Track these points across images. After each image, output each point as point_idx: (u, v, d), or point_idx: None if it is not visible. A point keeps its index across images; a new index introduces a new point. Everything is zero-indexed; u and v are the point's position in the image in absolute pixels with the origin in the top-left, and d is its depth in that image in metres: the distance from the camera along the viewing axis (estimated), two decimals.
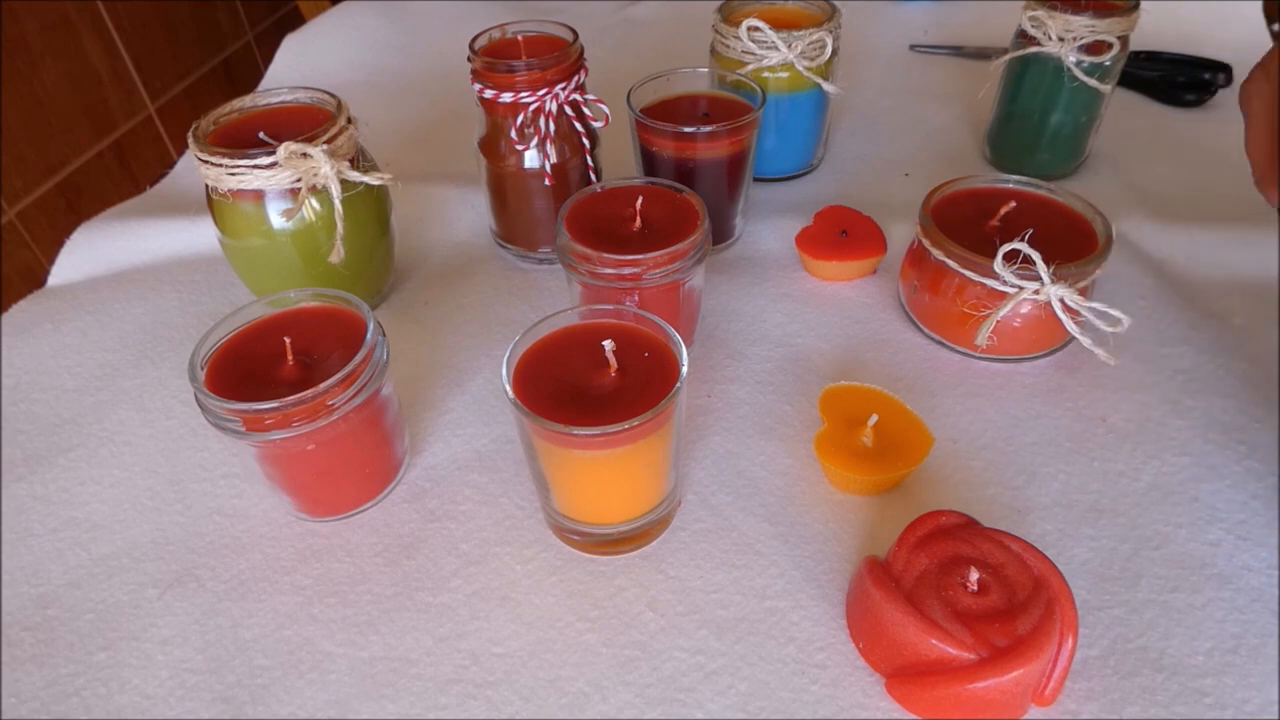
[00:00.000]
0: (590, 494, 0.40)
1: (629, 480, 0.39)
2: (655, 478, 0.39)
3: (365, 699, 0.36)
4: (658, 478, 0.39)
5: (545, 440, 0.37)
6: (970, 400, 0.48)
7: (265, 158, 0.46)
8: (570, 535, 0.41)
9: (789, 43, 0.59)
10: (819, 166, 0.69)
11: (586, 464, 0.37)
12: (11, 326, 0.57)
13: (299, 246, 0.50)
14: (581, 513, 0.40)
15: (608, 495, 0.39)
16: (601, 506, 0.40)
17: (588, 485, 0.39)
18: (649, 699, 0.36)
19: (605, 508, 0.40)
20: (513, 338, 0.38)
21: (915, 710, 0.34)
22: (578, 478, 0.39)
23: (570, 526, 0.40)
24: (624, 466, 0.37)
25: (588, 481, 0.39)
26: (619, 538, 0.40)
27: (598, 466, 0.37)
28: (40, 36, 0.78)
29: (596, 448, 0.36)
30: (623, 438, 0.35)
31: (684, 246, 0.45)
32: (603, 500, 0.40)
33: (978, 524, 0.37)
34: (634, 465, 0.38)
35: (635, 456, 0.37)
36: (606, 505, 0.40)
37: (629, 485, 0.39)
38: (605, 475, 0.38)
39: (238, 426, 0.37)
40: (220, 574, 0.41)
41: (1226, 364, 0.49)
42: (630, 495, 0.39)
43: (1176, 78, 0.74)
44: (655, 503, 0.40)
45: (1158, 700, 0.35)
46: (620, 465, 0.37)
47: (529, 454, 0.39)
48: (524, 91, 0.52)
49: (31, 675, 0.38)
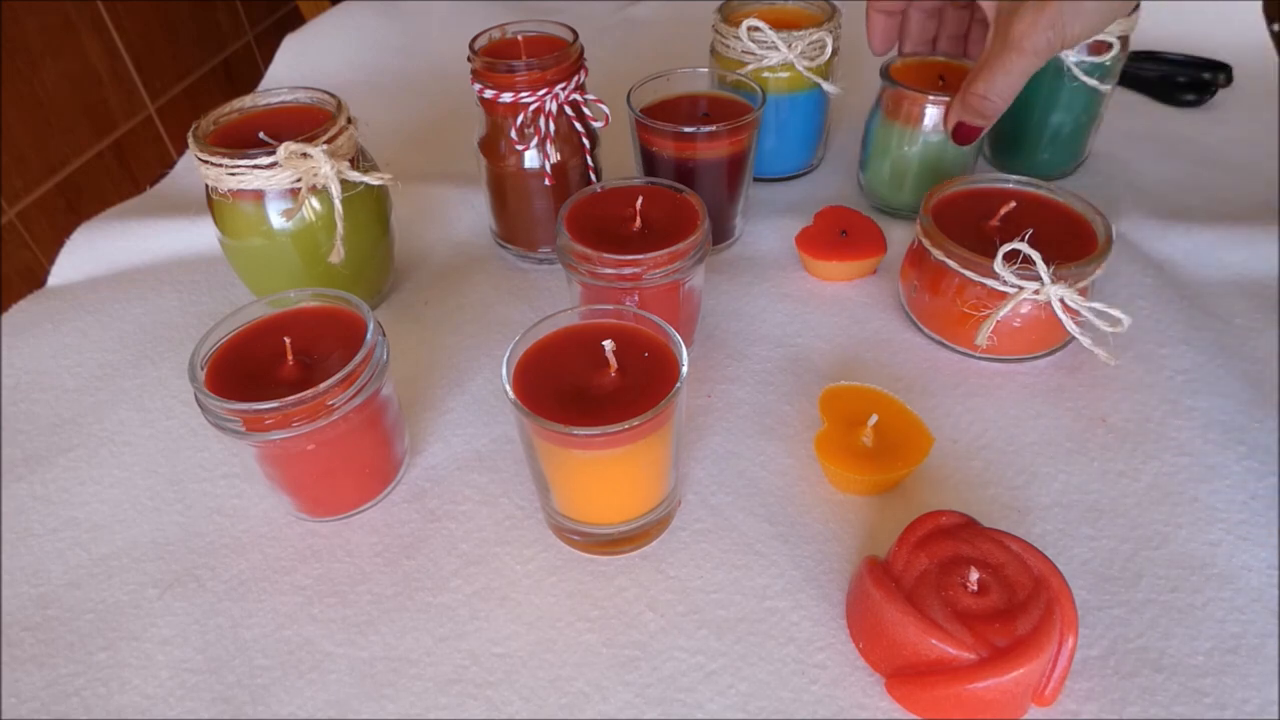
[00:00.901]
0: (591, 494, 0.40)
1: (629, 480, 0.39)
2: (655, 478, 0.39)
3: (365, 699, 0.36)
4: (658, 477, 0.39)
5: (546, 440, 0.37)
6: (970, 400, 0.48)
7: (265, 158, 0.46)
8: (570, 535, 0.41)
9: (789, 43, 0.59)
10: (819, 166, 0.69)
11: (587, 464, 0.37)
12: (11, 326, 0.57)
13: (299, 246, 0.50)
14: (582, 513, 0.40)
15: (608, 495, 0.39)
16: (602, 507, 0.40)
17: (588, 485, 0.39)
18: (649, 699, 0.36)
19: (605, 508, 0.40)
20: (513, 338, 0.38)
21: (915, 710, 0.34)
22: (578, 478, 0.39)
23: (570, 527, 0.40)
24: (624, 466, 0.37)
25: (588, 482, 0.39)
26: (619, 538, 0.40)
27: (598, 466, 0.37)
28: (40, 36, 0.78)
29: (597, 448, 0.36)
30: (623, 438, 0.35)
31: (684, 246, 0.45)
32: (603, 500, 0.40)
33: (978, 524, 0.37)
34: (634, 465, 0.38)
35: (635, 456, 0.37)
36: (606, 505, 0.40)
37: (629, 485, 0.39)
38: (605, 475, 0.38)
39: (238, 426, 0.37)
40: (220, 574, 0.41)
41: (1226, 364, 0.49)
42: (630, 495, 0.39)
43: (1176, 78, 0.74)
44: (655, 503, 0.40)
45: (1158, 700, 0.35)
46: (620, 465, 0.37)
47: (529, 454, 0.39)
48: (524, 91, 0.52)
49: (31, 675, 0.38)
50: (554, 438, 0.36)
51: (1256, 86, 0.75)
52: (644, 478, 0.39)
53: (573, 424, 0.34)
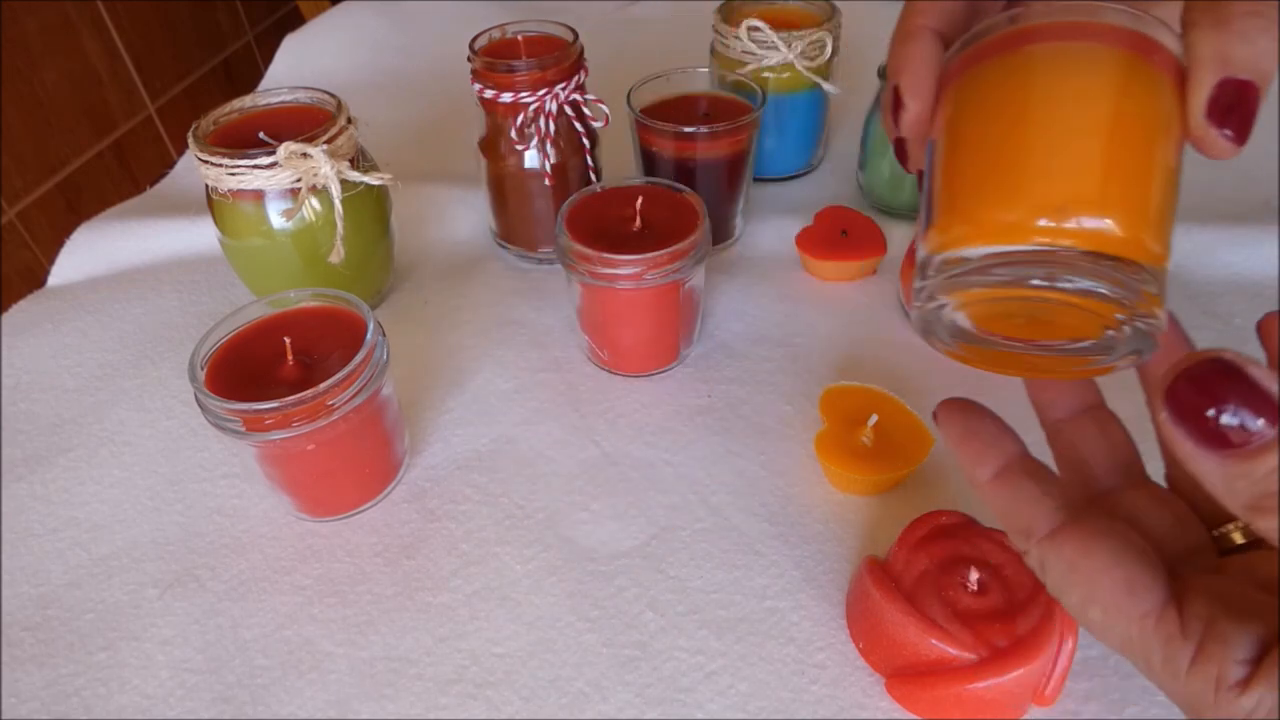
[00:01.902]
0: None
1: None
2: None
3: (365, 699, 0.36)
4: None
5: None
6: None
7: (265, 158, 0.46)
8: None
9: (789, 43, 0.59)
10: (819, 166, 0.69)
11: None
12: (11, 326, 0.57)
13: (299, 246, 0.50)
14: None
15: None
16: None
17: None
18: (649, 699, 0.36)
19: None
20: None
21: (915, 710, 0.34)
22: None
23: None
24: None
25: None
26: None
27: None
28: (40, 36, 0.78)
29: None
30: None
31: (684, 246, 0.45)
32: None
33: (978, 524, 0.37)
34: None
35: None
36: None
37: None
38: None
39: (238, 426, 0.37)
40: (220, 574, 0.41)
41: None
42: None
43: None
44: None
45: (1158, 700, 0.35)
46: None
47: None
48: (524, 91, 0.52)
49: (31, 675, 0.38)
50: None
51: None
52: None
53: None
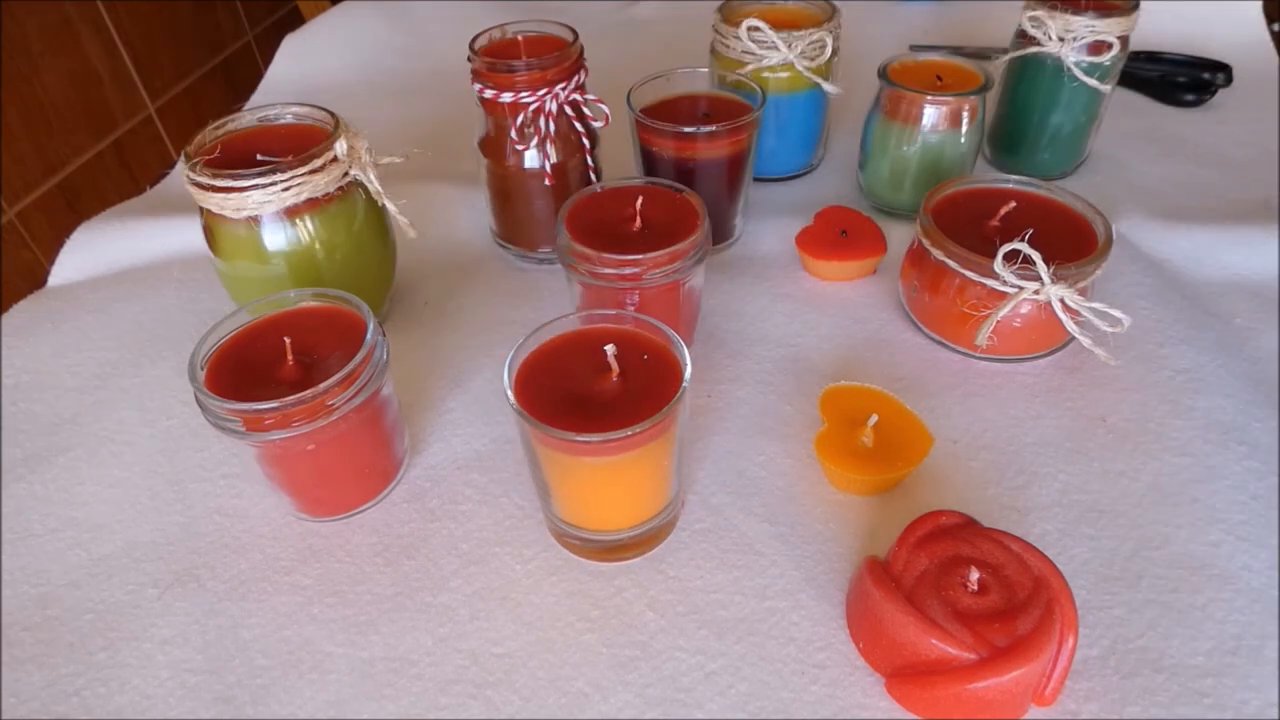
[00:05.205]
0: (593, 500, 0.39)
1: (632, 486, 0.39)
2: (657, 483, 0.39)
3: (365, 699, 0.36)
4: (660, 483, 0.39)
5: (548, 447, 0.36)
6: (970, 400, 0.48)
7: (260, 179, 0.45)
8: (571, 541, 0.41)
9: (789, 43, 0.59)
10: (819, 166, 0.69)
11: (590, 470, 0.37)
12: (11, 326, 0.57)
13: (293, 269, 0.49)
14: (584, 519, 0.40)
15: (610, 501, 0.39)
16: (604, 513, 0.40)
17: (591, 492, 0.39)
18: (649, 699, 0.36)
19: (608, 514, 0.40)
20: (513, 338, 0.38)
21: (915, 710, 0.34)
22: (581, 484, 0.39)
23: (572, 533, 0.40)
24: (627, 472, 0.37)
25: (591, 488, 0.39)
26: (621, 544, 0.40)
27: (601, 473, 0.37)
28: (40, 36, 0.78)
29: (600, 454, 0.36)
30: (626, 444, 0.35)
31: (684, 246, 0.45)
32: (606, 507, 0.39)
33: (978, 524, 0.37)
34: (637, 471, 0.37)
35: (638, 462, 0.37)
36: (609, 512, 0.40)
37: (632, 491, 0.39)
38: (608, 481, 0.38)
39: (238, 426, 0.37)
40: (220, 574, 0.41)
41: (1226, 364, 0.49)
42: (633, 501, 0.39)
43: (1176, 78, 0.74)
44: (658, 509, 0.40)
45: (1158, 701, 0.35)
46: (623, 471, 0.37)
47: (531, 460, 0.39)
48: (524, 91, 0.52)
49: (31, 675, 0.38)
50: (556, 444, 0.36)
51: (1256, 86, 0.75)
52: (646, 484, 0.39)
53: (575, 430, 0.34)
